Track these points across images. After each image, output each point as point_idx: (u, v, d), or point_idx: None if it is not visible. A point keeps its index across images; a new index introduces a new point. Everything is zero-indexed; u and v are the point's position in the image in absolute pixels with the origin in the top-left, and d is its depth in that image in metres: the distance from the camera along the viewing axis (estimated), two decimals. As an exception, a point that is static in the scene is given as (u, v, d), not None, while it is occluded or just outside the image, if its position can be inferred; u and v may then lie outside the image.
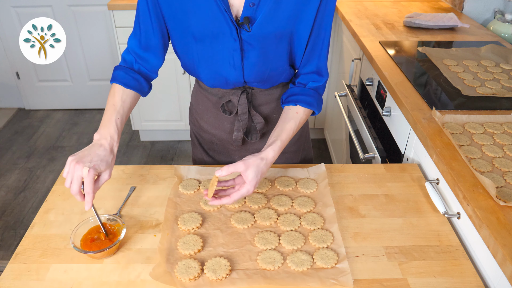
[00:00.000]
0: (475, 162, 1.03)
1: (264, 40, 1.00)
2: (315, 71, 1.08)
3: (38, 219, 1.00)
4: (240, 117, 1.16)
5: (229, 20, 0.96)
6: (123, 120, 1.00)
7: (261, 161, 0.93)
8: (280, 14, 0.97)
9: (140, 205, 1.04)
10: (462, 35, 1.90)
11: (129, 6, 2.48)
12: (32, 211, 2.44)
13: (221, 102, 1.17)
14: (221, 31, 0.98)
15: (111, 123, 0.97)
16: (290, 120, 1.03)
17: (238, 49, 1.01)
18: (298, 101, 1.06)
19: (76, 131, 3.21)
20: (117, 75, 1.06)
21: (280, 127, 1.02)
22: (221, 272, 0.85)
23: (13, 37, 3.12)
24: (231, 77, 1.07)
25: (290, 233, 0.95)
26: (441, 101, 1.34)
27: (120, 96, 1.03)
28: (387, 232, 0.97)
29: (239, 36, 0.99)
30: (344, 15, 2.23)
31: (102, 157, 0.91)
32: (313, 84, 1.09)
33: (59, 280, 0.85)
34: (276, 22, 0.97)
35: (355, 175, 1.15)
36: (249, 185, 0.91)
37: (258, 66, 1.05)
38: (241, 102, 1.14)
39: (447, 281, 0.85)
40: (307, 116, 1.09)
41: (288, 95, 1.08)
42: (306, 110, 1.07)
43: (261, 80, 1.09)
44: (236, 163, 0.91)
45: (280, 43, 1.02)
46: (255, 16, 0.96)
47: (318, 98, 1.09)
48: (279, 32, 0.99)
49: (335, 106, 2.51)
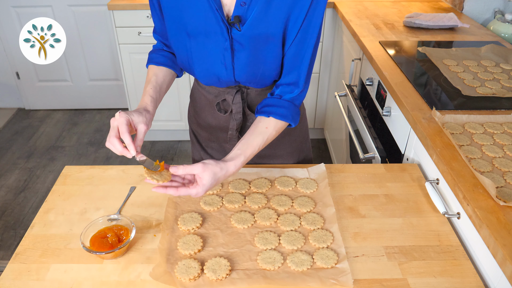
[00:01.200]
0: (475, 162, 1.03)
1: (254, 40, 0.99)
2: (294, 81, 1.05)
3: (38, 219, 1.00)
4: (234, 116, 1.16)
5: (220, 19, 0.97)
6: (157, 89, 1.05)
7: (220, 170, 0.91)
8: (271, 14, 0.96)
9: (140, 205, 1.04)
10: (462, 35, 1.90)
11: (129, 6, 2.48)
12: (32, 211, 2.44)
13: (217, 100, 1.17)
14: (212, 30, 0.99)
15: (145, 93, 1.03)
16: (258, 136, 1.00)
17: (228, 48, 1.01)
18: (271, 113, 1.02)
19: (76, 131, 3.21)
20: (150, 58, 1.14)
21: (247, 140, 0.99)
22: (221, 272, 0.85)
23: (13, 37, 3.12)
24: (223, 76, 1.07)
25: (290, 233, 0.95)
26: (441, 101, 1.34)
27: (153, 72, 1.10)
28: (387, 232, 0.97)
29: (229, 35, 0.99)
30: (344, 15, 2.23)
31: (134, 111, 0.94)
32: (289, 95, 1.05)
33: (59, 280, 0.85)
34: (267, 23, 0.97)
35: (355, 175, 1.15)
36: (201, 188, 0.89)
37: (249, 66, 1.04)
38: (235, 101, 1.14)
39: (447, 281, 0.85)
40: (279, 131, 1.05)
41: (262, 105, 1.05)
42: (278, 123, 1.03)
43: (252, 80, 1.08)
44: (195, 165, 0.89)
45: (271, 44, 1.00)
46: (246, 15, 0.96)
47: (294, 110, 1.05)
48: (270, 32, 0.98)
49: (335, 106, 2.51)
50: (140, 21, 2.54)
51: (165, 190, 0.89)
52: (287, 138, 1.24)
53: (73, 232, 0.96)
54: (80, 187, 1.10)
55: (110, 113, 3.43)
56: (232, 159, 0.95)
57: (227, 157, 0.96)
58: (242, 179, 1.11)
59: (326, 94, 2.79)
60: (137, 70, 2.71)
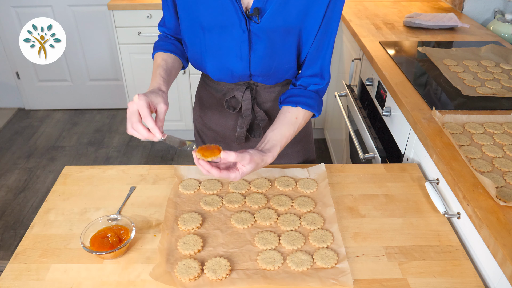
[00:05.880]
0: (475, 162, 1.03)
1: (272, 33, 1.00)
2: (318, 73, 1.08)
3: (38, 219, 1.00)
4: (243, 113, 1.16)
5: (239, 10, 0.97)
6: (168, 73, 1.03)
7: (261, 161, 0.93)
8: (290, 8, 0.97)
9: (140, 205, 1.04)
10: (462, 35, 1.90)
11: (129, 6, 2.48)
12: (32, 211, 2.44)
13: (225, 98, 1.17)
14: (230, 22, 0.99)
15: (155, 76, 1.00)
16: (290, 126, 1.02)
17: (246, 40, 1.01)
18: (298, 103, 1.05)
19: (76, 131, 3.21)
20: (157, 45, 1.12)
21: (280, 130, 1.01)
22: (221, 272, 0.85)
23: (13, 37, 3.12)
24: (237, 69, 1.07)
25: (290, 233, 0.95)
26: (441, 101, 1.34)
27: (161, 57, 1.07)
28: (387, 232, 0.97)
29: (247, 28, 0.99)
30: (344, 15, 2.23)
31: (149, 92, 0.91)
32: (315, 86, 1.08)
33: (59, 280, 0.85)
34: (285, 16, 0.98)
35: (355, 175, 1.15)
36: (239, 175, 0.90)
37: (265, 59, 1.05)
38: (245, 98, 1.14)
39: (447, 281, 0.85)
40: (306, 121, 1.08)
41: (287, 95, 1.07)
42: (306, 113, 1.06)
43: (266, 74, 1.09)
44: (244, 155, 0.89)
45: (288, 37, 1.02)
46: (265, 8, 0.97)
47: (319, 101, 1.09)
48: (287, 26, 1.00)
49: (335, 106, 2.51)
50: (140, 21, 2.54)
51: (210, 167, 0.88)
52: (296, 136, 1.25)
53: (73, 232, 0.96)
54: (80, 187, 1.10)
55: (110, 113, 3.43)
56: (269, 151, 0.96)
57: (264, 148, 0.97)
58: (242, 179, 1.11)
59: (326, 94, 2.79)
60: (137, 70, 2.71)
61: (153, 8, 2.50)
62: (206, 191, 1.07)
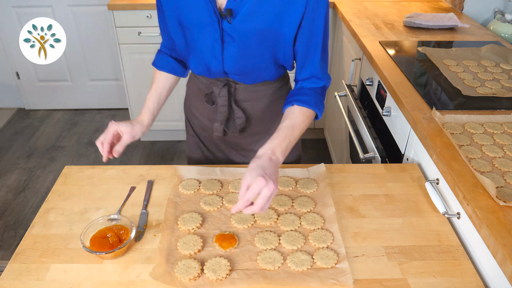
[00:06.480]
0: (475, 162, 1.03)
1: (245, 34, 1.02)
2: (311, 76, 1.09)
3: (38, 219, 1.00)
4: (219, 109, 1.19)
5: (212, 10, 1.00)
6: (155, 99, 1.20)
7: (258, 159, 0.90)
8: (263, 11, 0.98)
9: (140, 205, 1.04)
10: (462, 35, 1.90)
11: (129, 6, 2.48)
12: (32, 211, 2.43)
13: (206, 91, 1.21)
14: (205, 21, 1.02)
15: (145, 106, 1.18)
16: (285, 120, 1.02)
17: (219, 39, 1.04)
18: (293, 101, 1.06)
19: (76, 131, 3.21)
20: (155, 59, 1.26)
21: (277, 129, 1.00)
22: (221, 272, 0.85)
23: (13, 37, 3.12)
24: (213, 66, 1.10)
25: (290, 233, 0.95)
26: (441, 101, 1.34)
27: (155, 77, 1.24)
28: (387, 232, 0.97)
29: (220, 27, 1.02)
30: (344, 15, 2.23)
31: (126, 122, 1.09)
32: (311, 85, 1.09)
33: (59, 280, 0.85)
34: (258, 19, 1.00)
35: (355, 175, 1.15)
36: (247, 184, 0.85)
37: (238, 58, 1.07)
38: (221, 95, 1.17)
39: (447, 281, 0.85)
40: (306, 115, 1.04)
41: (286, 99, 1.09)
42: (303, 109, 1.04)
43: (241, 73, 1.11)
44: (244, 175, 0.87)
45: (263, 39, 1.03)
46: (237, 9, 0.99)
47: (316, 97, 1.07)
48: (261, 28, 1.01)
49: (335, 106, 2.51)
50: (140, 21, 2.54)
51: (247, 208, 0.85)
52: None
53: (73, 232, 0.96)
54: (80, 187, 1.10)
55: (110, 113, 3.43)
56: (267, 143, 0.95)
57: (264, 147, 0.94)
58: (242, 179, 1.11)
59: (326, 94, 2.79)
60: (137, 70, 2.71)
61: (153, 8, 2.50)
62: (206, 191, 1.07)
